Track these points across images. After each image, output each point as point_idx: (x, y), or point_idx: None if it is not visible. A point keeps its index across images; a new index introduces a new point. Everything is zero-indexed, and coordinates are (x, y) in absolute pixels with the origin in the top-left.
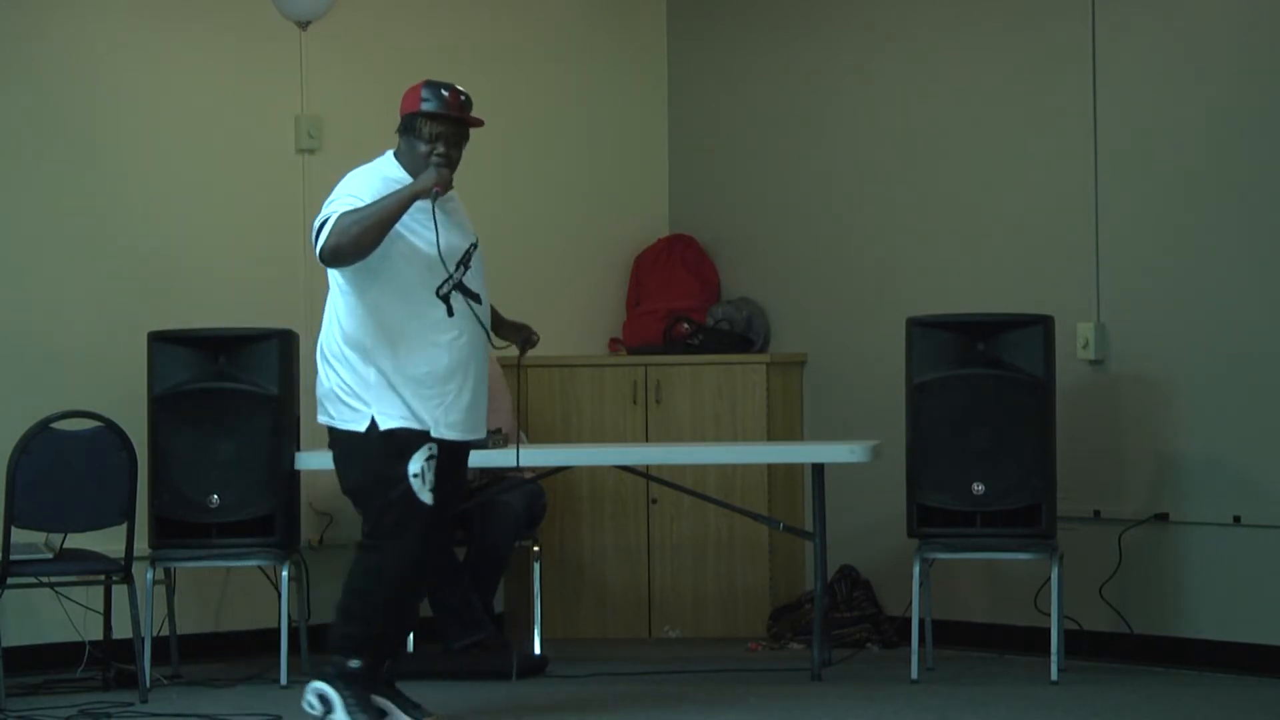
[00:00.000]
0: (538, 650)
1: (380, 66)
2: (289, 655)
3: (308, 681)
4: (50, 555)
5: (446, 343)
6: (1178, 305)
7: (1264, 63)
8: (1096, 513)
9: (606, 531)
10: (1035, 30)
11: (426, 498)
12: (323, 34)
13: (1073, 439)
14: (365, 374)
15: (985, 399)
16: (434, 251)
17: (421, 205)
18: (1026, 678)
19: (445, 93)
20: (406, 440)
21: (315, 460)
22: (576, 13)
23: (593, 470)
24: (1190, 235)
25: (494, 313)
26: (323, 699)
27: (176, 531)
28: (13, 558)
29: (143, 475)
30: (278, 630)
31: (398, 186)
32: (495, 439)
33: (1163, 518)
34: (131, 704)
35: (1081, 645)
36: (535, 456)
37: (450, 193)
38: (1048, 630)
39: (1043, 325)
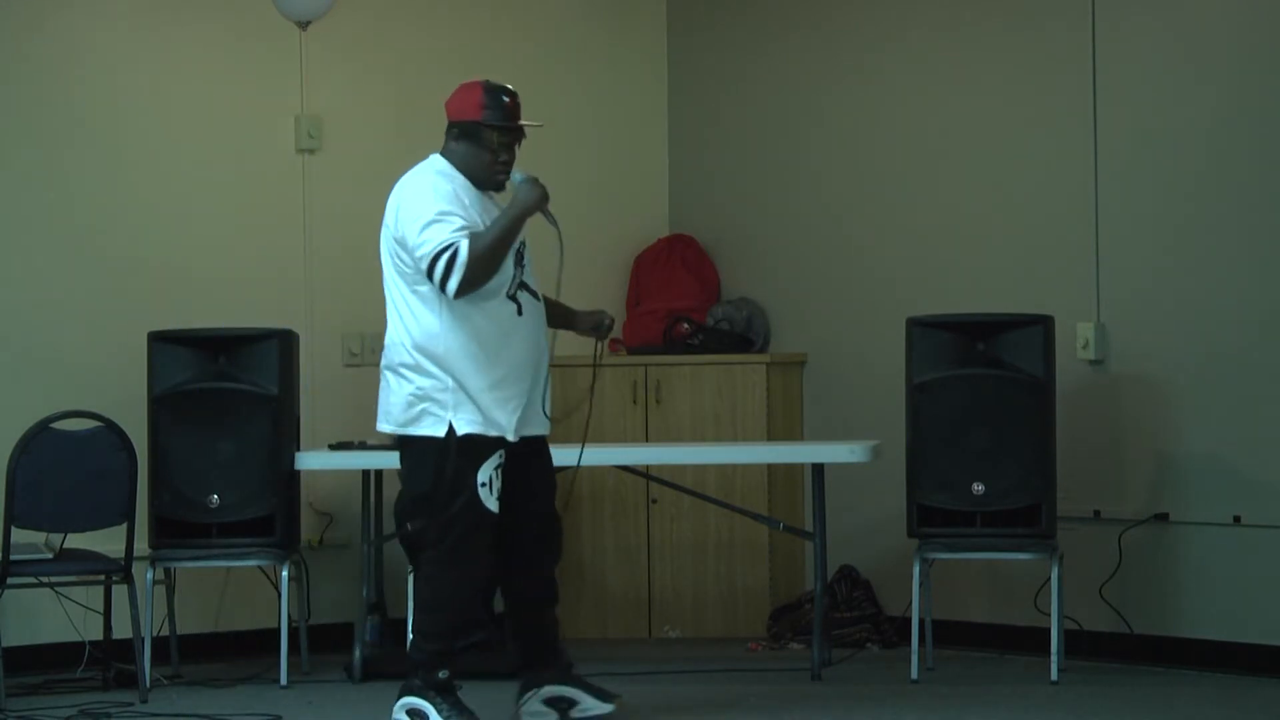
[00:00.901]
0: None
1: (380, 66)
2: (289, 655)
3: (305, 682)
4: (50, 555)
5: (519, 341)
6: (1178, 305)
7: (1264, 63)
8: (1096, 513)
9: (606, 531)
10: (1035, 30)
11: (493, 505)
12: (323, 34)
13: (1073, 439)
14: (443, 380)
15: (985, 399)
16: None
17: (486, 216)
18: (1026, 678)
19: (506, 99)
20: (480, 447)
21: (315, 460)
22: (576, 13)
23: (593, 470)
24: (1190, 235)
25: (563, 307)
26: (414, 713)
27: (176, 531)
28: (13, 558)
29: (143, 475)
30: (278, 630)
31: (464, 192)
32: None
33: (1163, 518)
34: (131, 704)
35: (1081, 645)
36: None
37: (498, 200)
38: (1048, 630)
39: (1043, 325)
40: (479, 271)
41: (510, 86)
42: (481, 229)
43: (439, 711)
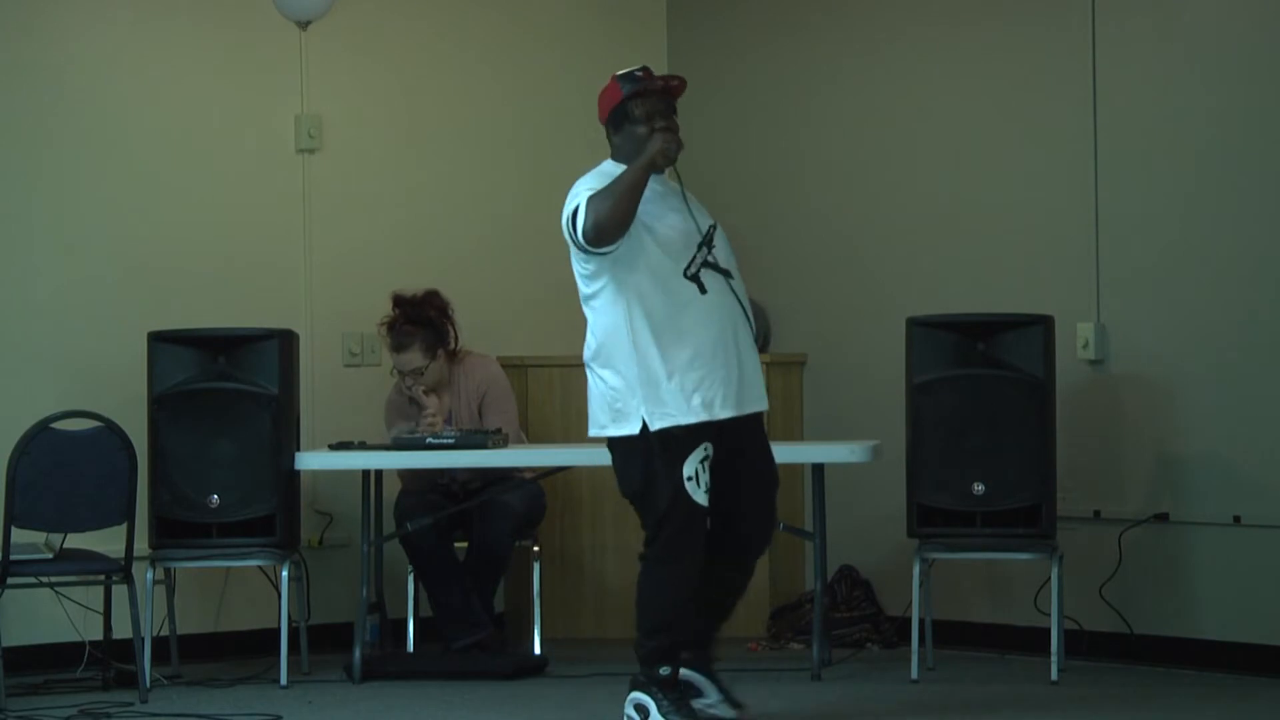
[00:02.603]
0: (538, 650)
1: (381, 66)
2: (289, 655)
3: (305, 682)
4: (50, 555)
5: (704, 322)
6: (1178, 305)
7: (1264, 63)
8: (1096, 513)
9: (606, 531)
10: (1035, 30)
11: (701, 499)
12: (323, 34)
13: (1073, 439)
14: (629, 374)
15: (985, 399)
16: (674, 234)
17: (652, 197)
18: (1026, 678)
19: (639, 72)
20: (680, 441)
21: (315, 460)
22: (576, 12)
23: (593, 470)
24: (1190, 235)
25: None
26: (640, 708)
27: (176, 531)
28: (13, 558)
29: (143, 475)
30: (278, 630)
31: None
32: (495, 439)
33: (1163, 518)
34: (131, 704)
35: (1081, 645)
36: (535, 456)
37: (674, 185)
38: (1048, 630)
39: (1043, 325)
40: (603, 215)
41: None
42: (657, 217)
43: (659, 708)
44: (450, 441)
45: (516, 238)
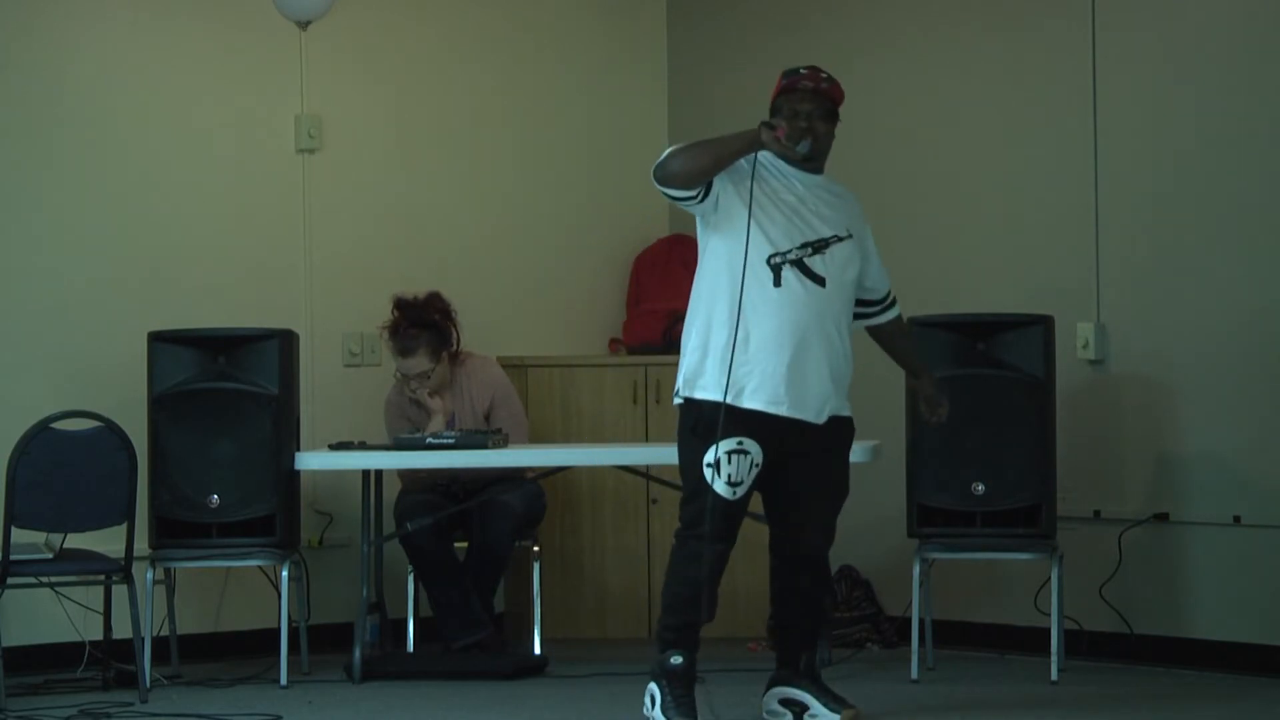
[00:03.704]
0: (538, 650)
1: (381, 66)
2: (289, 655)
3: (305, 682)
4: (50, 555)
5: (769, 313)
6: (1178, 305)
7: (1264, 62)
8: (1096, 513)
9: (606, 531)
10: (1035, 29)
11: (723, 490)
12: (323, 34)
13: (1073, 439)
14: (691, 341)
15: (985, 399)
16: (776, 223)
17: (780, 186)
18: (1026, 678)
19: (803, 70)
20: (709, 422)
21: (315, 460)
22: (576, 11)
23: (593, 470)
24: (1190, 236)
25: (914, 359)
26: (651, 696)
27: (176, 531)
28: (13, 558)
29: (143, 475)
30: (278, 630)
31: (753, 166)
32: (495, 439)
33: (1163, 518)
34: (131, 704)
35: (1081, 645)
36: (535, 456)
37: (828, 182)
38: (1048, 630)
39: (1043, 325)
40: (672, 157)
41: (816, 67)
42: (764, 203)
43: (661, 703)
44: (450, 441)
45: (516, 237)
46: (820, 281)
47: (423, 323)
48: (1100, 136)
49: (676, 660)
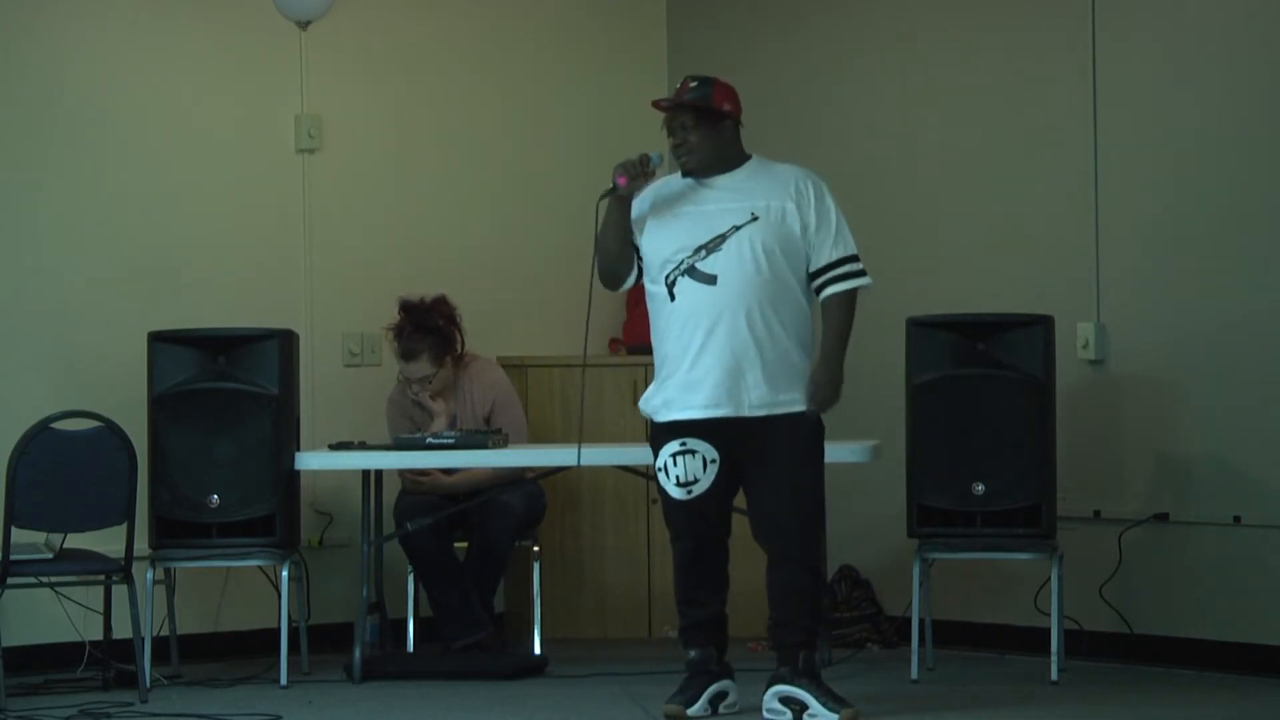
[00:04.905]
0: (538, 650)
1: (381, 66)
2: (289, 655)
3: (305, 682)
4: (50, 555)
5: (671, 328)
6: (1178, 305)
7: (1264, 62)
8: (1096, 513)
9: (606, 531)
10: (1036, 30)
11: (673, 491)
12: (323, 34)
13: (1073, 439)
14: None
15: (985, 399)
16: (666, 240)
17: (674, 198)
18: (1026, 678)
19: (679, 84)
20: (656, 432)
21: (315, 460)
22: (576, 12)
23: (593, 470)
24: (1190, 236)
25: (821, 357)
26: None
27: (176, 531)
28: (13, 558)
29: (143, 475)
30: (278, 630)
31: (664, 188)
32: (495, 439)
33: (1163, 518)
34: (131, 704)
35: (1081, 645)
36: (535, 456)
37: (751, 171)
38: (1048, 630)
39: (1043, 325)
40: (599, 270)
41: (695, 76)
42: (658, 227)
43: (679, 684)
44: (450, 441)
45: (516, 237)
46: (710, 280)
47: (426, 326)
48: (1100, 137)
49: (690, 654)
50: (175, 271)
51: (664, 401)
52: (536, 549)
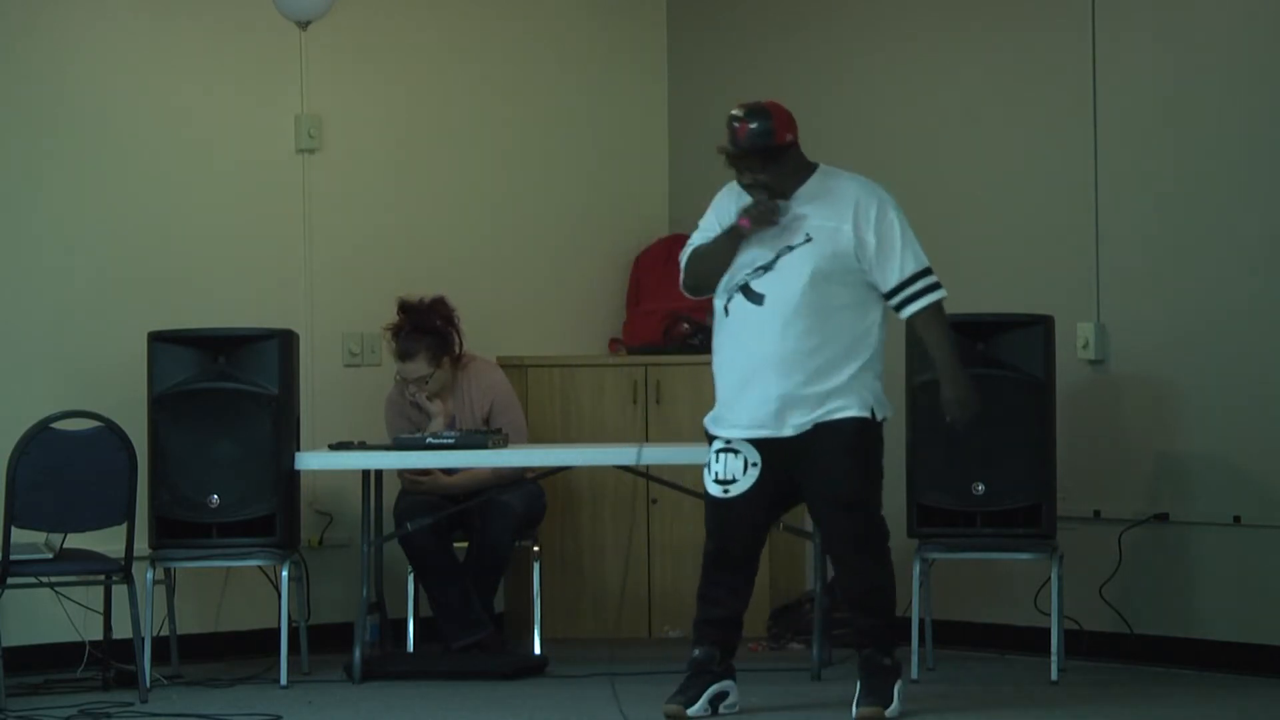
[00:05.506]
0: (538, 650)
1: (381, 66)
2: (289, 655)
3: (305, 682)
4: (50, 555)
5: (724, 341)
6: (1178, 305)
7: (1265, 62)
8: (1096, 513)
9: (606, 531)
10: (1035, 30)
11: (711, 488)
12: (323, 34)
13: (1073, 439)
14: None
15: (985, 399)
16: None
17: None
18: (1026, 678)
19: (735, 125)
20: (709, 434)
21: (315, 460)
22: (576, 12)
23: (593, 470)
24: (1190, 236)
25: (941, 374)
26: None
27: (176, 531)
28: (13, 558)
29: (143, 475)
30: (278, 630)
31: (737, 201)
32: (495, 439)
33: (1163, 518)
34: (131, 704)
35: (1081, 645)
36: (535, 456)
37: (818, 185)
38: (1048, 630)
39: (1043, 325)
40: (687, 278)
41: (745, 109)
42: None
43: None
44: (450, 441)
45: (516, 237)
46: (759, 300)
47: (424, 327)
48: (1100, 137)
49: (694, 652)
50: (175, 271)
51: (714, 417)
52: (536, 549)
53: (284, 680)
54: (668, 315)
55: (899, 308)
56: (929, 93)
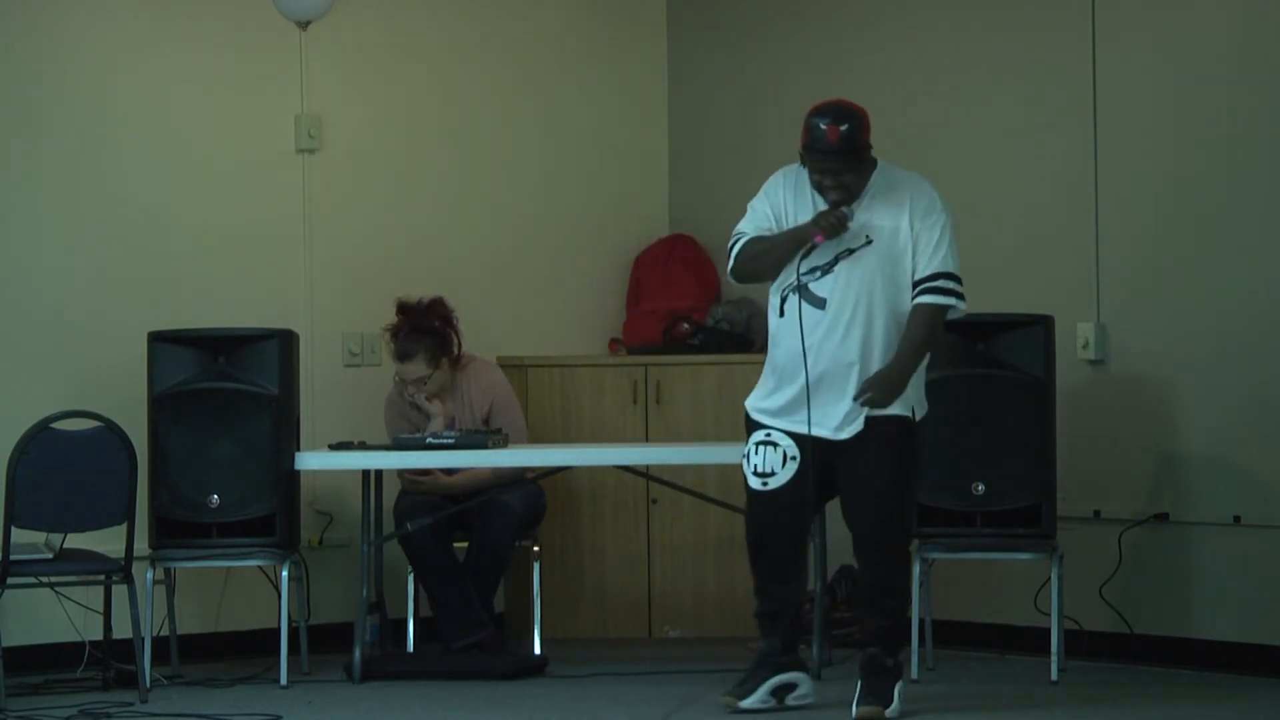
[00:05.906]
0: (538, 650)
1: (381, 66)
2: (289, 655)
3: (305, 682)
4: (50, 555)
5: (778, 339)
6: (1178, 305)
7: (1264, 62)
8: (1096, 513)
9: (606, 531)
10: (1036, 30)
11: (751, 480)
12: (323, 34)
13: (1073, 439)
14: None
15: (985, 399)
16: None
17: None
18: (1026, 678)
19: (823, 126)
20: (749, 422)
21: (315, 460)
22: (576, 13)
23: (593, 470)
24: (1190, 236)
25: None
26: None
27: (176, 531)
28: (13, 558)
29: (143, 475)
30: (278, 630)
31: (796, 190)
32: (495, 439)
33: (1163, 518)
34: (131, 704)
35: (1081, 645)
36: (535, 456)
37: (881, 184)
38: (1048, 630)
39: (1043, 325)
40: (739, 268)
41: (832, 111)
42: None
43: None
44: (450, 441)
45: (516, 237)
46: (820, 303)
47: (423, 328)
48: (1100, 137)
49: (760, 644)
50: (175, 271)
51: (767, 408)
52: (536, 549)
53: (284, 680)
54: (668, 315)
55: (914, 297)
56: (929, 93)
